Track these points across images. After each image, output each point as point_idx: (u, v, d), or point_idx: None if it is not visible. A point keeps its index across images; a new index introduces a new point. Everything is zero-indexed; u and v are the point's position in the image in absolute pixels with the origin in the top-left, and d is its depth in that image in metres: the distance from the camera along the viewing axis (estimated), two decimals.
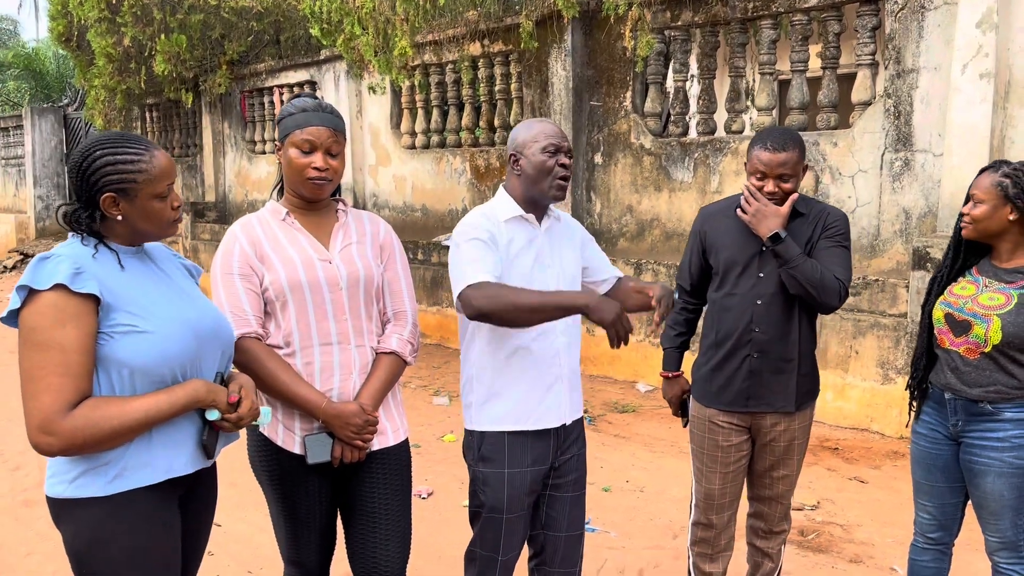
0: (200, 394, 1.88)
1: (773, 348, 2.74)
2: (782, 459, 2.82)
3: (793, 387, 2.76)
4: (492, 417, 2.47)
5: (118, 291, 1.83)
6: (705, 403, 2.85)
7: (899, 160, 5.49)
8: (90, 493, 1.81)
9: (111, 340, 1.80)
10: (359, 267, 2.32)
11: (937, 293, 2.69)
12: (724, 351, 2.78)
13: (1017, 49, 4.95)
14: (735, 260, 2.76)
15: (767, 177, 2.64)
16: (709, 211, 2.93)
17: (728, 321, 2.77)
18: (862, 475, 4.75)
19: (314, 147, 2.23)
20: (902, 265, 5.50)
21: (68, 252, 1.82)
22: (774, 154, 2.61)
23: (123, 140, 1.88)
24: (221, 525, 3.94)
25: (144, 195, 1.87)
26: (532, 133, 2.45)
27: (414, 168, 9.00)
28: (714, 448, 2.84)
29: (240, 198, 11.70)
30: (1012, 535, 2.58)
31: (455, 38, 8.03)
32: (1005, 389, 2.51)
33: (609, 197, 7.26)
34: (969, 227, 2.58)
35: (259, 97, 11.03)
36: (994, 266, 2.61)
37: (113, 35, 10.06)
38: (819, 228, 2.74)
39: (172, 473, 1.89)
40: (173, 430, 1.88)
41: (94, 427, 1.75)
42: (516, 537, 2.50)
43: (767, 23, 6.11)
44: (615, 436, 5.46)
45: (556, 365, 2.49)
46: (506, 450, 2.45)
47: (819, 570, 3.63)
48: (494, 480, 2.45)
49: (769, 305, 2.71)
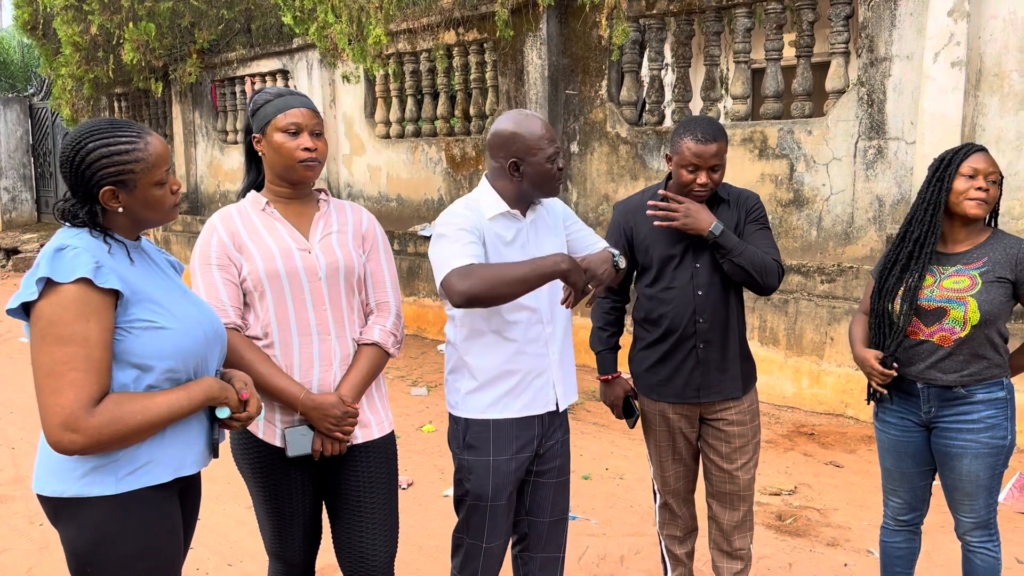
0: (214, 391, 1.86)
1: (716, 336, 2.77)
2: (738, 448, 2.84)
3: (738, 372, 2.82)
4: (478, 405, 2.46)
5: (135, 285, 1.79)
6: (655, 397, 2.86)
7: (872, 148, 5.54)
8: (99, 491, 1.76)
9: (129, 335, 1.76)
10: (339, 256, 2.29)
11: (895, 284, 2.64)
12: (669, 344, 2.78)
13: (988, 38, 5.01)
14: (671, 253, 2.75)
15: (700, 169, 2.63)
16: (628, 206, 2.88)
17: (670, 314, 2.76)
18: (838, 459, 4.81)
19: (300, 129, 2.21)
20: (876, 252, 5.56)
21: (84, 244, 1.75)
22: (706, 145, 2.60)
23: (114, 128, 1.80)
24: (200, 519, 3.90)
25: (144, 184, 1.81)
26: (534, 139, 2.37)
27: (389, 158, 8.95)
28: (668, 438, 2.89)
29: (212, 189, 11.57)
30: (985, 514, 2.63)
31: (430, 26, 7.98)
32: (978, 371, 2.55)
33: (586, 186, 7.26)
34: (986, 206, 2.54)
35: (231, 86, 10.88)
36: (943, 253, 2.62)
37: (80, 23, 9.88)
38: (742, 213, 2.78)
39: (181, 471, 1.86)
40: (184, 428, 1.86)
41: (119, 423, 1.70)
42: (501, 524, 2.51)
43: (742, 11, 6.13)
44: (594, 424, 5.48)
45: (543, 354, 2.48)
46: (491, 437, 2.45)
47: (797, 554, 3.67)
48: (479, 468, 2.45)
49: (709, 295, 2.74)
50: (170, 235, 11.33)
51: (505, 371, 2.44)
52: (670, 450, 2.91)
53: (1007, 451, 2.58)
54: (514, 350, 2.44)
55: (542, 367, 2.49)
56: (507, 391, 2.45)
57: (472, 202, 2.44)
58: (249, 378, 2.02)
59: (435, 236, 2.38)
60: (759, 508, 4.11)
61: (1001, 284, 2.52)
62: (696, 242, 2.72)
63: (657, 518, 3.06)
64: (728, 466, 2.84)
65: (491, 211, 2.41)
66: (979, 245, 2.58)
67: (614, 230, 2.89)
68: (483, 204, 2.43)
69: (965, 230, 2.60)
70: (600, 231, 7.12)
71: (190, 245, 10.81)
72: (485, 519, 2.48)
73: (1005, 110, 5.00)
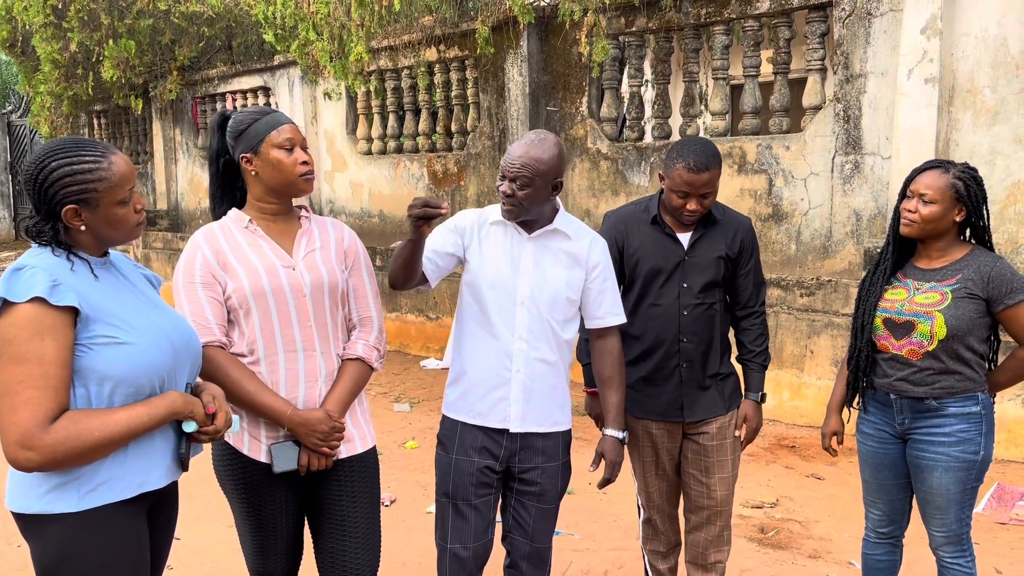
0: (178, 406, 1.85)
1: (700, 357, 2.79)
2: (718, 462, 2.86)
3: (722, 391, 2.86)
4: (448, 400, 2.58)
5: (95, 302, 1.79)
6: (639, 414, 2.87)
7: (849, 163, 5.62)
8: (62, 508, 1.76)
9: (89, 352, 1.76)
10: (323, 273, 2.30)
11: (877, 295, 2.69)
12: (653, 363, 2.80)
13: (960, 54, 5.10)
14: (660, 269, 2.76)
15: (690, 196, 2.67)
16: (621, 215, 2.89)
17: (654, 332, 2.78)
18: (819, 472, 4.84)
19: (294, 144, 2.24)
20: (854, 266, 5.62)
21: (42, 263, 1.76)
22: (698, 175, 2.63)
23: (77, 147, 1.81)
24: (180, 539, 3.87)
25: (106, 203, 1.82)
26: (506, 160, 2.41)
27: (371, 174, 8.95)
28: (652, 454, 2.90)
29: (193, 206, 11.51)
30: (957, 528, 2.64)
31: (411, 43, 8.01)
32: (949, 384, 2.58)
33: (567, 201, 7.29)
34: (915, 225, 2.57)
35: (211, 103, 10.86)
36: (921, 268, 2.65)
37: (59, 40, 9.83)
38: (736, 242, 2.81)
39: (146, 487, 1.85)
40: (147, 443, 1.85)
41: (76, 440, 1.70)
42: (464, 528, 2.50)
43: (720, 29, 6.21)
44: (577, 439, 5.45)
45: (505, 367, 2.48)
46: (456, 436, 2.52)
47: (780, 566, 3.69)
48: (444, 464, 2.54)
49: (694, 315, 2.76)
50: (150, 252, 11.26)
51: (469, 372, 2.52)
52: (654, 465, 2.92)
53: (979, 466, 2.59)
54: (482, 355, 2.49)
55: (501, 381, 2.48)
56: (466, 393, 2.52)
57: (488, 208, 2.56)
58: (220, 392, 2.01)
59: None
60: (741, 521, 4.13)
61: (972, 300, 2.53)
62: (686, 261, 2.75)
63: (641, 533, 3.07)
64: (706, 479, 2.85)
65: (494, 216, 2.51)
66: (955, 262, 2.60)
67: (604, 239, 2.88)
68: (492, 210, 2.54)
69: (936, 246, 2.62)
70: None
71: (171, 262, 10.74)
72: (448, 518, 2.51)
73: (978, 125, 5.08)
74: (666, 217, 2.81)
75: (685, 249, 2.78)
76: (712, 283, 2.79)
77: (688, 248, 2.78)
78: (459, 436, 2.51)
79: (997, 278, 2.52)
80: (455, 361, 2.59)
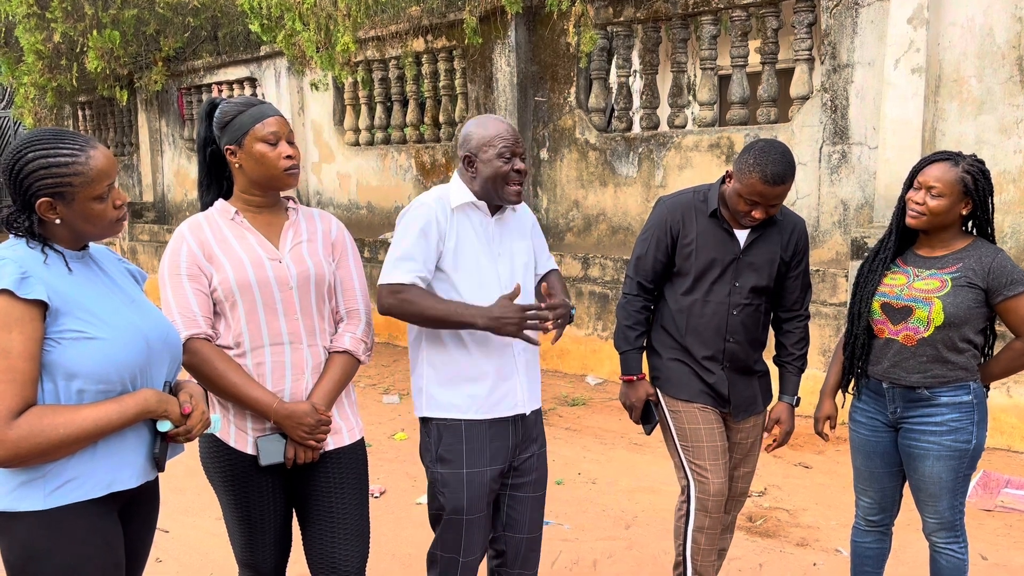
0: (151, 404, 1.81)
1: (744, 358, 2.76)
2: (747, 456, 2.89)
3: (762, 389, 2.87)
4: (450, 402, 2.46)
5: (67, 296, 1.76)
6: (686, 398, 2.77)
7: (836, 153, 5.63)
8: (28, 506, 1.72)
9: (58, 346, 1.73)
10: (309, 265, 2.29)
11: (876, 282, 2.70)
12: (697, 361, 2.75)
13: (947, 44, 5.11)
14: (714, 263, 2.68)
15: (759, 206, 2.58)
16: (679, 202, 2.76)
17: (701, 329, 2.72)
18: (806, 461, 4.87)
19: (278, 137, 2.21)
20: (841, 255, 5.64)
21: (12, 255, 1.73)
22: (774, 187, 2.51)
23: (56, 139, 1.77)
24: (169, 532, 3.86)
25: (82, 197, 1.77)
26: (487, 135, 2.39)
27: (358, 165, 8.92)
28: (711, 437, 2.74)
29: (180, 198, 11.45)
30: (950, 516, 2.67)
31: (398, 34, 7.98)
32: (941, 373, 2.59)
33: (555, 192, 7.29)
34: (923, 218, 2.56)
35: (197, 94, 10.79)
36: (922, 256, 2.66)
37: (42, 31, 9.74)
38: (791, 244, 2.75)
39: (115, 487, 1.81)
40: (118, 442, 1.81)
41: (40, 436, 1.66)
42: (477, 537, 2.49)
43: (707, 19, 6.21)
44: (566, 429, 5.50)
45: (510, 353, 2.48)
46: (464, 450, 2.43)
47: (767, 554, 3.71)
48: (453, 481, 2.44)
49: (743, 316, 2.72)
50: (136, 244, 11.19)
51: (474, 372, 2.44)
52: (716, 452, 2.75)
53: (972, 455, 2.62)
54: (485, 351, 2.44)
55: (511, 371, 2.48)
56: (477, 392, 2.45)
57: (443, 192, 2.47)
58: (199, 391, 1.97)
59: (399, 224, 2.42)
60: None
61: (972, 290, 2.54)
62: (740, 260, 2.69)
63: (689, 545, 2.77)
64: (732, 472, 2.87)
65: (457, 200, 2.44)
66: (957, 251, 2.61)
67: (657, 224, 2.75)
68: (452, 194, 2.46)
69: (940, 237, 2.63)
70: (571, 236, 7.22)
71: (157, 255, 10.68)
72: (462, 534, 2.45)
73: (964, 115, 5.11)
74: (724, 211, 2.71)
75: (741, 247, 2.70)
76: (763, 287, 2.73)
77: (744, 247, 2.70)
78: (466, 444, 2.43)
79: (998, 269, 2.53)
80: (448, 361, 2.46)
